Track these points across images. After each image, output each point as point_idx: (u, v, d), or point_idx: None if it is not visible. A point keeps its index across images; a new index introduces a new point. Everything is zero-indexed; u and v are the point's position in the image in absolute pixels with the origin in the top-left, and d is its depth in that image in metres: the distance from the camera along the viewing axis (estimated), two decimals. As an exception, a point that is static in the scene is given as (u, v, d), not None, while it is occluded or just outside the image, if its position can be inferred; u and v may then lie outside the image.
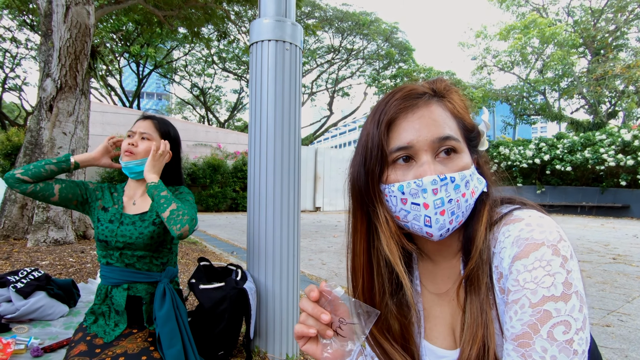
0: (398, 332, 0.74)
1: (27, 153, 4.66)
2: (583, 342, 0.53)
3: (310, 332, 0.63)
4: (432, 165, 0.62)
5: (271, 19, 2.01)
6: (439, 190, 0.61)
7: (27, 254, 3.71)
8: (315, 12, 19.53)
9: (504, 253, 0.60)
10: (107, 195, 1.57)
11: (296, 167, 2.10)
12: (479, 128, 0.71)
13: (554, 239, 0.56)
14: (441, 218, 0.62)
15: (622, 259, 5.19)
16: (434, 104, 0.67)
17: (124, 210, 1.53)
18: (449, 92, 0.70)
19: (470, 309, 0.64)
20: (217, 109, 28.42)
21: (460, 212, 0.63)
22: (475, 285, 0.64)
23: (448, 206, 0.62)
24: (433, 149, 0.63)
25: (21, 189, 1.42)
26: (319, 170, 14.11)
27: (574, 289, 0.54)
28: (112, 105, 18.28)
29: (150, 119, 1.56)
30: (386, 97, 0.68)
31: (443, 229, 0.63)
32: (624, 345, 2.39)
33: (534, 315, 0.54)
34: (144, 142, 1.51)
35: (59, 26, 4.07)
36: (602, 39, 18.79)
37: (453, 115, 0.67)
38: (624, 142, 12.27)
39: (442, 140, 0.63)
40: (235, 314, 1.88)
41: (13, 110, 22.79)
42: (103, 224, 1.47)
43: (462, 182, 0.63)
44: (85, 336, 1.41)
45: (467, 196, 0.64)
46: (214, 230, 7.61)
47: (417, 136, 0.63)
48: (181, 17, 7.13)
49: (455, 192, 0.62)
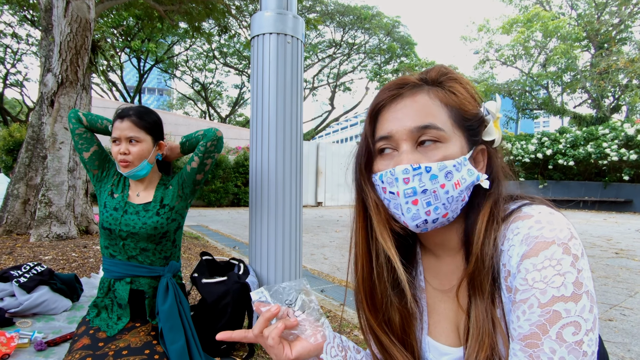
0: (398, 325, 0.73)
1: (28, 148, 4.66)
2: (593, 343, 0.52)
3: (273, 311, 0.68)
4: (410, 155, 0.62)
5: (272, 12, 1.99)
6: (410, 180, 0.61)
7: (30, 249, 3.73)
8: (317, 6, 19.42)
9: (512, 251, 0.58)
10: (120, 182, 1.58)
11: (298, 162, 2.09)
12: (484, 117, 0.67)
13: (564, 237, 0.54)
14: (413, 207, 0.61)
15: (625, 253, 5.18)
16: (420, 92, 0.65)
17: (128, 199, 1.53)
18: (445, 80, 0.66)
19: (475, 313, 0.62)
20: (218, 104, 28.39)
21: (440, 203, 0.61)
22: (478, 288, 0.62)
23: (422, 196, 0.60)
24: (412, 138, 0.63)
25: (75, 126, 1.54)
26: (321, 165, 14.09)
27: (585, 289, 0.53)
28: (113, 100, 18.27)
29: (128, 119, 1.46)
30: (381, 89, 0.69)
31: (418, 219, 0.62)
32: (626, 339, 2.39)
33: (543, 315, 0.53)
34: (134, 145, 1.45)
35: (60, 21, 4.05)
36: (605, 32, 18.63)
37: (444, 104, 0.64)
38: (627, 136, 12.19)
39: (421, 130, 0.62)
40: (238, 308, 1.88)
41: (15, 106, 22.81)
42: (108, 211, 1.48)
43: (440, 172, 0.60)
44: (88, 330, 1.41)
45: (448, 187, 0.61)
46: (216, 225, 7.62)
47: (398, 126, 0.63)
48: (182, 12, 7.09)
49: (431, 182, 0.60)
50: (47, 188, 4.31)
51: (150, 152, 1.50)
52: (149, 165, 1.51)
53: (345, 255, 5.01)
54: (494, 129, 0.66)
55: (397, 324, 0.73)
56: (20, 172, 4.66)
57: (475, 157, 0.67)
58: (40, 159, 4.63)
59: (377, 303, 0.74)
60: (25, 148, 4.66)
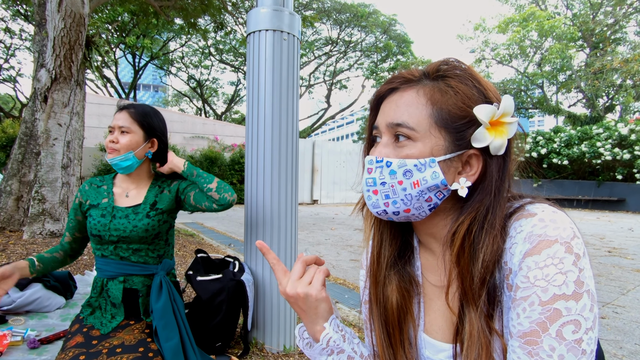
0: (395, 308, 0.73)
1: (22, 145, 4.62)
2: (592, 342, 0.52)
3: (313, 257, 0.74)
4: (383, 148, 0.65)
5: (268, 9, 1.98)
6: (373, 170, 0.65)
7: (23, 246, 3.69)
8: (313, 4, 19.35)
9: (514, 249, 0.58)
10: (91, 193, 1.53)
11: (294, 160, 2.09)
12: (478, 118, 0.60)
13: (567, 236, 0.54)
14: (373, 196, 0.66)
15: (618, 251, 5.22)
16: (410, 89, 0.64)
17: (115, 203, 1.49)
18: (448, 75, 0.63)
19: (470, 326, 0.61)
20: (214, 101, 28.24)
21: (398, 198, 0.63)
22: (470, 299, 0.61)
23: (381, 188, 0.64)
24: (390, 132, 0.65)
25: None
26: (317, 162, 14.08)
27: (586, 288, 0.53)
28: (108, 96, 18.13)
29: (126, 110, 1.50)
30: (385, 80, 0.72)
31: (377, 208, 0.66)
32: (619, 337, 2.41)
33: (544, 313, 0.53)
34: (124, 136, 1.46)
35: (53, 15, 4.01)
36: (600, 32, 18.73)
37: (431, 102, 0.62)
38: (620, 136, 12.29)
39: (394, 126, 0.64)
40: (233, 306, 1.88)
41: (8, 101, 22.58)
42: (95, 219, 1.45)
43: (399, 169, 0.62)
44: (82, 328, 1.40)
45: (406, 185, 0.62)
46: (212, 223, 7.60)
47: (382, 119, 0.67)
48: (177, 8, 7.04)
49: (390, 177, 0.63)
50: (40, 185, 4.28)
51: (139, 146, 1.48)
52: (135, 158, 1.48)
53: (341, 253, 5.02)
54: (487, 135, 0.61)
55: (393, 306, 0.73)
56: (13, 168, 4.61)
57: (466, 162, 0.63)
58: (34, 155, 4.59)
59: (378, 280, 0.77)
60: (18, 144, 4.61)
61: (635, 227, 8.14)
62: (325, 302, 0.70)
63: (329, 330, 0.70)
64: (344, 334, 0.73)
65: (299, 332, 0.76)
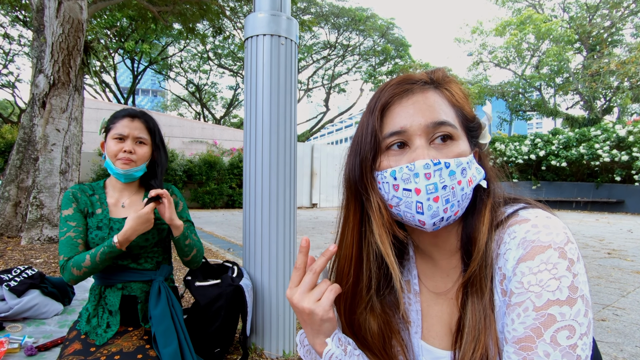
0: (376, 334, 0.71)
1: (20, 150, 4.61)
2: (587, 347, 0.52)
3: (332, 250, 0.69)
4: (426, 150, 0.60)
5: (266, 13, 1.99)
6: (432, 175, 0.58)
7: (21, 252, 3.68)
8: (311, 8, 19.44)
9: (508, 254, 0.58)
10: (86, 200, 1.45)
11: (292, 164, 2.09)
12: (480, 120, 0.68)
13: (560, 241, 0.54)
14: (434, 205, 0.58)
15: (617, 253, 5.22)
16: (430, 90, 0.65)
17: (111, 215, 1.45)
18: (447, 82, 0.67)
19: (472, 312, 0.62)
20: (212, 106, 28.28)
21: (456, 200, 0.59)
22: (477, 287, 0.62)
23: (442, 192, 0.58)
24: (427, 134, 0.61)
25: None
26: (316, 166, 14.09)
27: (580, 293, 0.53)
28: (106, 102, 18.14)
29: (139, 119, 1.46)
30: (382, 86, 0.67)
31: (436, 217, 0.59)
32: (619, 339, 2.41)
33: (538, 318, 0.53)
34: (141, 147, 1.44)
35: (51, 21, 4.01)
36: (597, 35, 18.84)
37: (451, 104, 0.65)
38: (618, 137, 12.33)
39: (437, 126, 0.61)
40: (232, 311, 1.87)
41: (6, 107, 22.59)
42: (93, 231, 1.41)
43: (457, 168, 0.59)
44: (79, 334, 1.39)
45: (463, 184, 0.60)
46: (210, 227, 7.58)
47: (411, 121, 0.61)
48: (176, 13, 7.06)
49: (450, 178, 0.59)
50: (38, 190, 4.27)
51: (149, 157, 1.49)
52: (145, 168, 1.50)
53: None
54: (487, 132, 0.68)
55: (375, 333, 0.70)
56: (12, 174, 4.60)
57: None
58: (32, 161, 4.58)
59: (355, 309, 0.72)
60: (17, 150, 4.61)
61: (635, 228, 8.14)
62: (330, 322, 0.66)
63: (331, 346, 0.67)
64: (346, 347, 0.70)
65: (300, 339, 0.74)
